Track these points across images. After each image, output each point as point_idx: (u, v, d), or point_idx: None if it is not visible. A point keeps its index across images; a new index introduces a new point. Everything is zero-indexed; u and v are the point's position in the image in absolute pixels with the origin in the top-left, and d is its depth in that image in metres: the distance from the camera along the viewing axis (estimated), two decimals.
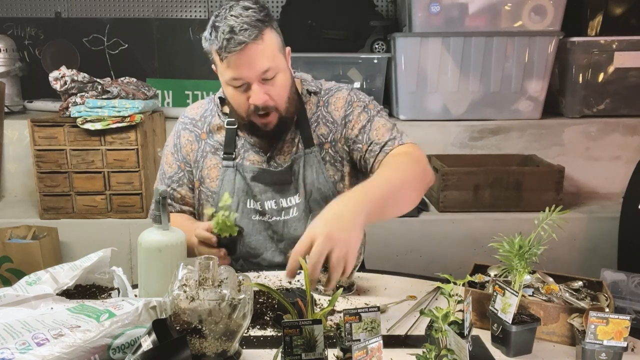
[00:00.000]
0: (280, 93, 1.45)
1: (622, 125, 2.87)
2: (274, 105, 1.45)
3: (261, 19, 1.38)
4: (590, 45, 2.80)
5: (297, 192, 1.56)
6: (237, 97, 1.45)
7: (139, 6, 3.45)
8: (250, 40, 1.35)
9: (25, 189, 2.92)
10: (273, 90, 1.43)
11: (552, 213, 1.10)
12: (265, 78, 1.41)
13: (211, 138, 1.60)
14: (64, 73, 2.56)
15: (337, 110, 1.58)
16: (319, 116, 1.58)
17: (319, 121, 1.58)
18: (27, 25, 3.43)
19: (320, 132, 1.57)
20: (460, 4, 2.76)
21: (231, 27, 1.35)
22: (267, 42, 1.39)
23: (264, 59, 1.39)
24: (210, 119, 1.61)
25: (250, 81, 1.41)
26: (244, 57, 1.37)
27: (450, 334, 0.98)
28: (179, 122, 1.65)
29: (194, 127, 1.62)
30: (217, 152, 1.59)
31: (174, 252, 1.21)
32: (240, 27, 1.35)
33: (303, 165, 1.55)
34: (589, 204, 2.74)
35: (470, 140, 2.88)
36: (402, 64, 2.85)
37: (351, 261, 1.17)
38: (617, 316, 1.02)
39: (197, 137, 1.61)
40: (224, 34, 1.35)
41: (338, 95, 1.59)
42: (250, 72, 1.39)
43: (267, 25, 1.39)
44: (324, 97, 1.60)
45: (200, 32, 3.43)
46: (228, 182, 1.56)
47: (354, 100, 1.58)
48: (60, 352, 0.92)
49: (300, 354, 0.94)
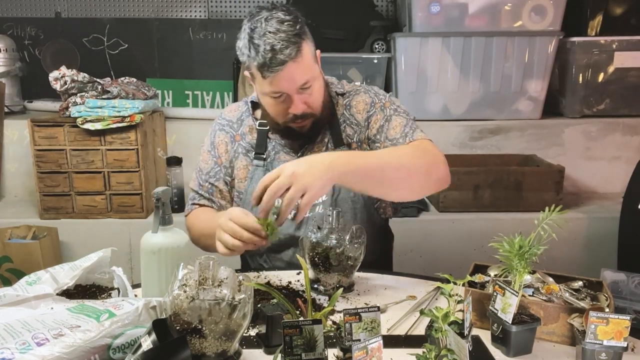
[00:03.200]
0: (317, 99, 1.50)
1: (622, 125, 2.87)
2: (312, 112, 1.50)
3: (298, 33, 1.40)
4: (590, 45, 2.80)
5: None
6: (276, 106, 1.49)
7: (139, 6, 3.45)
8: (290, 59, 1.38)
9: (25, 189, 2.92)
10: (311, 98, 1.48)
11: (552, 213, 1.10)
12: (304, 88, 1.46)
13: (244, 140, 1.64)
14: (64, 73, 2.56)
15: (360, 112, 1.62)
16: (345, 118, 1.62)
17: (345, 123, 1.62)
18: (27, 25, 3.43)
19: (347, 133, 1.61)
20: (460, 4, 2.76)
21: (272, 46, 1.37)
22: (304, 56, 1.42)
23: (303, 74, 1.43)
24: (246, 121, 1.66)
25: (291, 94, 1.45)
26: (285, 74, 1.40)
27: (450, 334, 0.98)
28: (216, 122, 1.70)
29: (230, 129, 1.67)
30: (248, 153, 1.63)
31: (174, 254, 1.21)
32: (281, 46, 1.37)
33: None
34: (589, 204, 2.74)
35: (470, 140, 2.88)
36: (402, 64, 2.85)
37: (305, 204, 1.24)
38: (617, 316, 1.02)
39: (232, 139, 1.66)
40: (265, 54, 1.38)
41: (358, 99, 1.63)
42: (291, 86, 1.44)
43: (303, 39, 1.42)
44: (347, 99, 1.64)
45: (200, 32, 3.45)
46: (256, 182, 1.55)
47: (375, 101, 1.62)
48: (60, 352, 0.92)
49: (300, 354, 0.94)
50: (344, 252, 1.37)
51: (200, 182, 1.67)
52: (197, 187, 1.67)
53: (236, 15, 3.46)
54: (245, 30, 1.43)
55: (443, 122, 2.89)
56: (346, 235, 1.38)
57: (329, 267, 1.37)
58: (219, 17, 3.46)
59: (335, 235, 1.38)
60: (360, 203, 1.59)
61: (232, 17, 3.46)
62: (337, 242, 1.37)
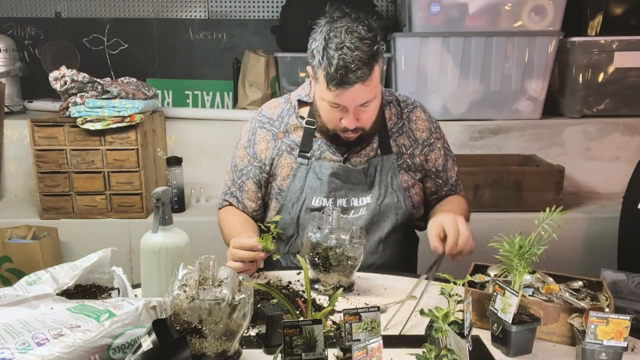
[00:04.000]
0: (370, 117, 1.52)
1: (622, 125, 2.87)
2: (362, 127, 1.52)
3: (373, 54, 1.40)
4: (590, 45, 2.80)
5: (370, 193, 1.61)
6: (330, 113, 1.51)
7: (139, 6, 3.45)
8: (360, 81, 1.40)
9: (25, 189, 2.92)
10: (365, 115, 1.50)
11: (552, 213, 1.10)
12: (362, 105, 1.47)
13: (287, 137, 1.64)
14: (64, 73, 2.55)
15: (419, 131, 1.67)
16: (401, 127, 1.65)
17: (402, 132, 1.65)
18: (27, 25, 3.43)
19: (402, 142, 1.64)
20: (460, 4, 2.76)
21: (346, 63, 1.38)
22: (373, 79, 1.43)
23: (367, 95, 1.45)
24: (287, 119, 1.66)
25: (349, 108, 1.47)
26: (351, 93, 1.42)
27: (450, 334, 0.98)
28: (256, 119, 1.69)
29: (271, 127, 1.66)
30: (292, 151, 1.63)
31: (174, 254, 1.21)
32: (355, 66, 1.38)
33: (380, 169, 1.60)
34: (589, 204, 2.74)
35: (470, 140, 2.88)
36: (402, 64, 2.85)
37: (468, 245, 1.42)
38: (617, 316, 1.02)
39: (274, 136, 1.65)
40: (338, 69, 1.38)
41: (417, 115, 1.68)
42: (352, 104, 1.46)
43: (377, 60, 1.42)
44: (404, 109, 1.67)
45: (200, 32, 3.45)
46: (299, 179, 1.61)
47: (432, 129, 1.69)
48: (60, 352, 0.92)
49: (300, 354, 0.94)
50: (344, 252, 1.37)
51: (234, 178, 1.70)
52: (231, 182, 1.71)
53: (236, 15, 3.46)
54: (322, 32, 1.44)
55: (443, 122, 2.85)
56: (346, 236, 1.38)
57: (329, 267, 1.37)
58: (219, 17, 3.46)
59: (335, 235, 1.38)
60: (402, 210, 1.62)
61: (232, 17, 3.46)
62: (337, 242, 1.37)
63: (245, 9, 3.46)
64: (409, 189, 1.64)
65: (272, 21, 3.37)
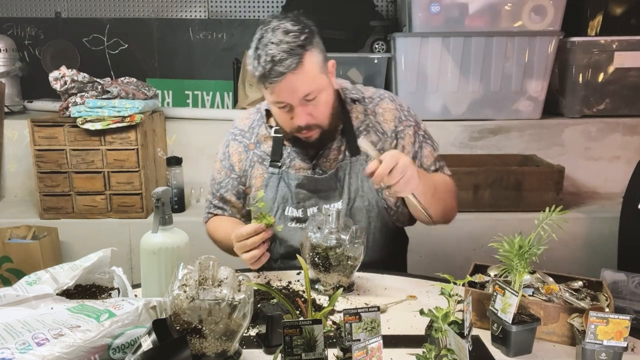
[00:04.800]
0: (322, 111, 1.49)
1: (622, 125, 2.87)
2: (316, 123, 1.50)
3: (302, 44, 1.39)
4: (590, 45, 2.80)
5: (340, 198, 1.59)
6: (282, 116, 1.50)
7: (139, 6, 3.45)
8: (289, 71, 1.38)
9: (25, 189, 2.92)
10: (315, 110, 1.47)
11: (552, 213, 1.10)
12: (308, 100, 1.45)
13: (258, 148, 1.65)
14: (64, 73, 2.56)
15: (387, 122, 1.62)
16: (368, 124, 1.61)
17: (369, 129, 1.61)
18: (27, 25, 3.43)
19: (370, 139, 1.59)
20: (460, 4, 2.76)
21: (272, 57, 1.37)
22: (307, 68, 1.40)
23: (304, 85, 1.42)
24: (258, 129, 1.67)
25: (293, 104, 1.45)
26: (285, 85, 1.40)
27: (450, 334, 0.98)
28: (229, 132, 1.71)
29: (243, 138, 1.68)
30: (264, 161, 1.64)
31: (174, 254, 1.21)
32: (280, 57, 1.37)
33: (349, 172, 1.58)
34: (589, 204, 2.74)
35: (470, 140, 2.88)
36: (402, 64, 2.85)
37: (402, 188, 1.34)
38: (617, 316, 1.02)
39: (246, 148, 1.67)
40: (265, 64, 1.38)
41: (384, 106, 1.63)
42: (292, 98, 1.44)
43: (307, 50, 1.40)
44: (369, 105, 1.63)
45: (200, 32, 3.45)
46: (271, 189, 1.61)
47: (402, 118, 1.63)
48: (60, 352, 0.92)
49: (300, 354, 0.94)
50: (344, 252, 1.37)
51: (213, 192, 1.71)
52: (212, 196, 1.72)
53: (236, 15, 3.46)
54: (254, 39, 1.44)
55: (443, 122, 2.89)
56: (346, 236, 1.38)
57: (329, 267, 1.37)
58: (219, 17, 3.46)
59: (335, 235, 1.38)
60: (374, 212, 1.60)
61: (232, 17, 3.46)
62: (337, 242, 1.37)
63: (245, 9, 3.46)
64: (381, 191, 1.59)
65: None
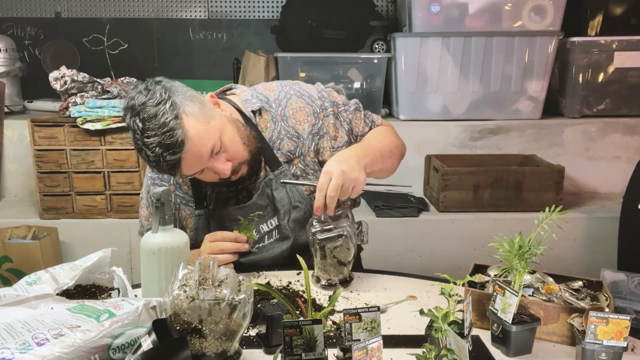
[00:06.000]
0: (236, 149, 1.37)
1: (622, 125, 2.87)
2: (240, 161, 1.39)
3: (174, 115, 1.25)
4: (590, 45, 2.80)
5: (275, 215, 1.51)
6: (203, 176, 1.40)
7: (139, 6, 3.45)
8: (182, 153, 1.26)
9: (25, 189, 2.92)
10: (229, 153, 1.36)
11: (552, 213, 1.10)
12: (216, 153, 1.33)
13: (179, 190, 1.54)
14: (64, 73, 2.56)
15: (300, 124, 1.49)
16: (280, 132, 1.48)
17: (282, 137, 1.48)
18: (27, 25, 3.43)
19: (287, 148, 1.49)
20: (460, 4, 2.76)
21: (158, 154, 1.26)
22: (193, 133, 1.27)
23: (204, 149, 1.30)
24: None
25: (206, 166, 1.34)
26: (187, 162, 1.30)
27: (450, 334, 0.98)
28: (147, 177, 1.58)
29: (162, 181, 1.55)
30: (188, 203, 1.53)
31: (174, 254, 1.21)
32: (166, 147, 1.24)
33: (275, 188, 1.48)
34: (589, 204, 2.74)
35: (470, 140, 2.88)
36: (402, 64, 2.85)
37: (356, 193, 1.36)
38: (617, 316, 1.02)
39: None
40: (158, 163, 1.27)
41: (293, 106, 1.50)
42: (200, 164, 1.33)
43: (180, 117, 1.26)
44: (278, 110, 1.50)
45: (200, 32, 3.45)
46: (203, 230, 1.51)
47: (317, 110, 1.50)
48: (60, 352, 0.92)
49: (300, 354, 0.94)
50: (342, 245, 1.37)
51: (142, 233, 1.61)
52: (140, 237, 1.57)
53: (236, 15, 3.46)
54: (130, 130, 1.29)
55: (443, 122, 2.89)
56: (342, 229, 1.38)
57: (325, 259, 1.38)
58: (219, 17, 3.46)
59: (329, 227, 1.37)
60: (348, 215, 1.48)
61: (232, 17, 3.46)
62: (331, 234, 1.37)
63: (245, 9, 3.46)
64: (313, 195, 1.45)
65: (272, 21, 3.37)
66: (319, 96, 1.52)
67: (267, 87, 1.55)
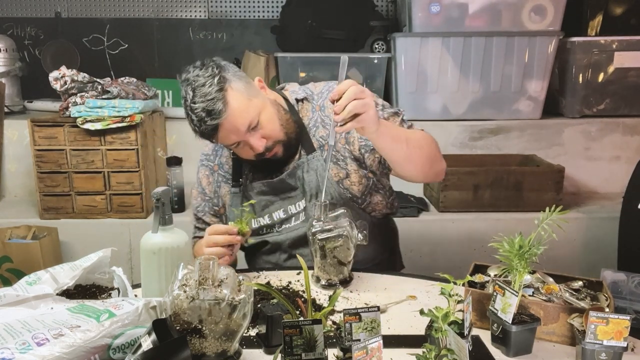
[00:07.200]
0: (272, 128, 1.50)
1: (622, 125, 2.87)
2: (274, 141, 1.51)
3: (219, 87, 1.41)
4: (590, 45, 2.80)
5: (303, 197, 1.60)
6: (240, 151, 1.54)
7: (139, 6, 3.45)
8: (220, 118, 1.41)
9: (25, 189, 2.92)
10: (265, 131, 1.49)
11: (552, 213, 1.10)
12: (253, 128, 1.47)
13: (222, 169, 1.68)
14: (64, 73, 2.55)
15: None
16: (316, 120, 1.60)
17: (318, 125, 1.60)
18: (27, 25, 3.43)
19: (320, 134, 1.59)
20: (460, 4, 2.76)
21: (199, 116, 1.42)
22: (234, 105, 1.43)
23: (241, 120, 1.44)
24: (221, 151, 1.70)
25: (242, 140, 1.48)
26: (224, 131, 1.45)
27: (450, 334, 0.98)
28: (199, 159, 1.74)
29: (208, 162, 1.71)
30: (227, 181, 1.67)
31: (174, 254, 1.21)
32: (206, 111, 1.41)
33: (307, 170, 1.58)
34: (589, 204, 2.74)
35: (470, 140, 2.88)
36: (402, 64, 2.85)
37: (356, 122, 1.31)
38: (617, 316, 1.02)
39: (212, 170, 1.70)
40: (198, 124, 1.43)
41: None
42: (237, 136, 1.47)
43: (225, 89, 1.42)
44: (319, 101, 1.62)
45: (200, 32, 3.45)
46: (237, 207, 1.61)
47: None
48: (60, 352, 0.92)
49: (300, 354, 0.94)
50: (341, 245, 1.37)
51: (195, 217, 1.74)
52: (195, 221, 1.75)
53: (236, 15, 3.46)
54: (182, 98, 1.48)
55: (443, 122, 2.89)
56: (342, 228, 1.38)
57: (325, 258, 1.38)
58: (219, 17, 3.46)
59: (328, 226, 1.37)
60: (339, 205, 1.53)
61: (232, 17, 3.46)
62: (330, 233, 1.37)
63: (245, 9, 3.46)
64: (341, 182, 1.59)
65: (272, 21, 3.37)
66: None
67: (316, 84, 1.68)
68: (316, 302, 1.33)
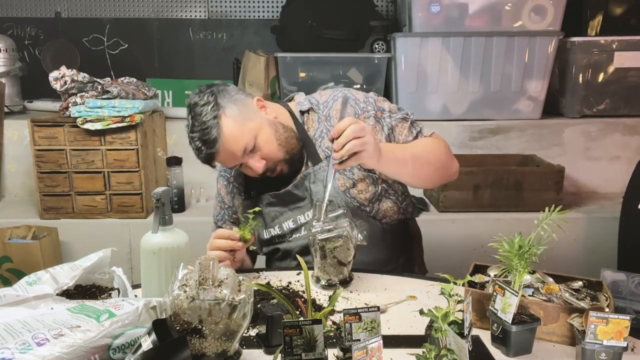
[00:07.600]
0: (270, 149, 1.52)
1: (622, 125, 2.87)
2: (275, 160, 1.54)
3: (213, 115, 1.46)
4: (590, 45, 2.80)
5: (311, 207, 1.59)
6: (245, 171, 1.58)
7: (139, 6, 3.45)
8: (216, 145, 1.46)
9: (25, 189, 2.92)
10: (263, 152, 1.52)
11: (552, 213, 1.10)
12: (250, 152, 1.50)
13: (236, 181, 1.72)
14: (64, 73, 2.56)
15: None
16: (322, 130, 1.61)
17: (324, 135, 1.60)
18: (27, 25, 3.43)
19: (326, 145, 1.59)
20: (460, 4, 2.76)
21: (197, 145, 1.48)
22: (228, 131, 1.46)
23: (235, 146, 1.48)
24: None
25: (241, 162, 1.52)
26: (222, 156, 1.50)
27: (450, 334, 0.98)
28: (218, 169, 1.77)
29: (225, 173, 1.75)
30: (241, 193, 1.71)
31: (174, 254, 1.21)
32: (203, 140, 1.46)
33: (313, 181, 1.58)
34: (589, 204, 2.74)
35: (470, 140, 2.88)
36: (402, 64, 2.85)
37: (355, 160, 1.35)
38: (617, 316, 1.02)
39: (228, 181, 1.73)
40: (198, 152, 1.50)
41: (336, 108, 1.61)
42: (235, 160, 1.51)
43: (219, 116, 1.46)
44: (324, 111, 1.62)
45: (200, 32, 3.45)
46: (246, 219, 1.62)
47: (357, 112, 1.58)
48: (60, 352, 0.92)
49: (300, 354, 0.94)
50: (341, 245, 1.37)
51: (216, 225, 1.78)
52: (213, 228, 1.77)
53: (236, 15, 3.46)
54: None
55: (443, 122, 2.89)
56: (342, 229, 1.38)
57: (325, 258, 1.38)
58: (219, 17, 3.46)
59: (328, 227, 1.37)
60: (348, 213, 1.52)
61: (232, 17, 3.46)
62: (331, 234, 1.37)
63: (245, 9, 3.46)
64: (348, 191, 1.58)
65: (272, 21, 3.37)
66: (364, 100, 1.62)
67: (322, 93, 1.69)
68: (316, 302, 1.33)
